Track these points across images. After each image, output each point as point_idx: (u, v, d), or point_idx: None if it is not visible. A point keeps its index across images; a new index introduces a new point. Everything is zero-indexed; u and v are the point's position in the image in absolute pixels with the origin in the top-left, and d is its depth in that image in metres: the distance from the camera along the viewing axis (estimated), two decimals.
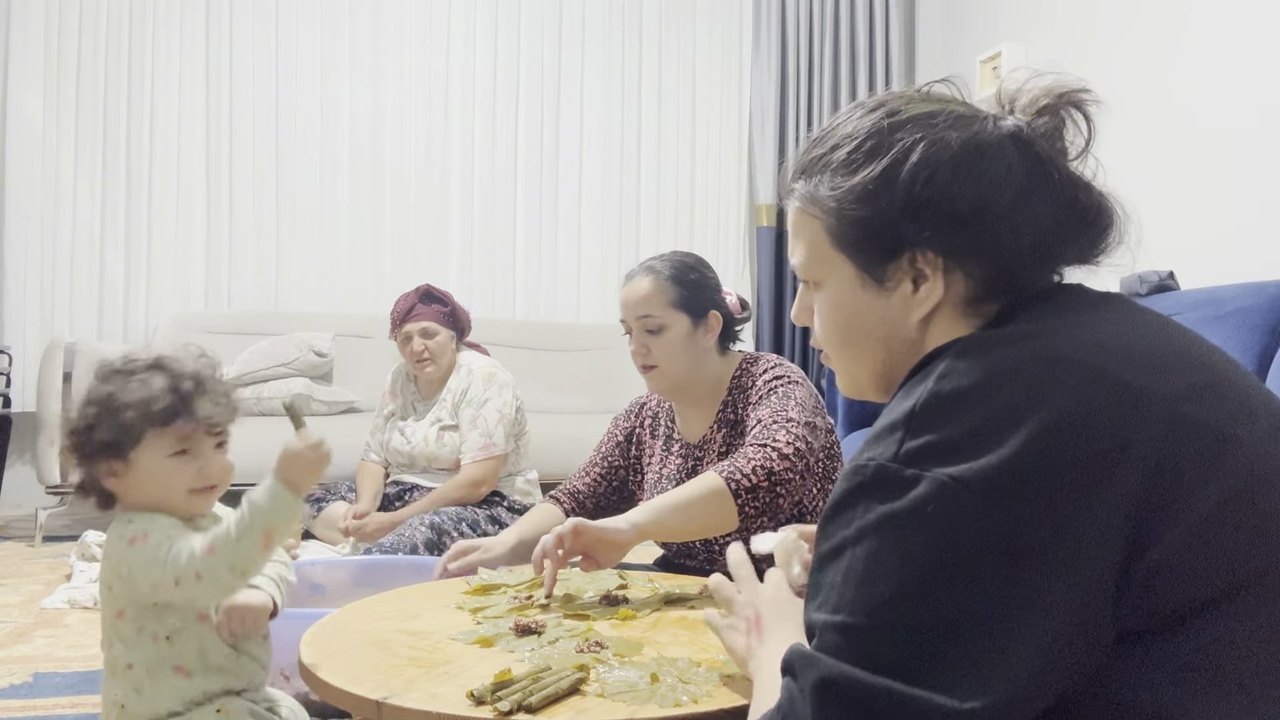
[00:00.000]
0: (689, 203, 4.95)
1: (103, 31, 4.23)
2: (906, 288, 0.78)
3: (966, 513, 0.61)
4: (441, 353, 2.86)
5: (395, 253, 4.57)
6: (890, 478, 0.65)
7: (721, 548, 1.69)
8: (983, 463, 0.62)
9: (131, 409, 1.13)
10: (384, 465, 3.00)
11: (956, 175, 0.75)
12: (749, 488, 1.48)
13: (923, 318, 0.79)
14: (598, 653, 1.11)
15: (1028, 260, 0.76)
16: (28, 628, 2.26)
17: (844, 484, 0.68)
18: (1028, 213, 0.75)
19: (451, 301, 2.93)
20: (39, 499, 3.66)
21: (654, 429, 1.87)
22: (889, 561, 0.63)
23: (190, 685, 1.16)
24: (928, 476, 0.63)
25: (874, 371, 0.84)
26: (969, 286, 0.77)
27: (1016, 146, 0.76)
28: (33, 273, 4.13)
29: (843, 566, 0.65)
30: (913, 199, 0.75)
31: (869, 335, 0.82)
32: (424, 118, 4.62)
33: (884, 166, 0.76)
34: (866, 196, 0.77)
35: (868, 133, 0.79)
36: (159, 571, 1.10)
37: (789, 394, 1.62)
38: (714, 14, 4.97)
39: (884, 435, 0.67)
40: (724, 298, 1.78)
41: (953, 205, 0.74)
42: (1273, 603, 0.62)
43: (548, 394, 4.24)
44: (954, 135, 0.76)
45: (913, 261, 0.77)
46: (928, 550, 0.62)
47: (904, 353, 0.80)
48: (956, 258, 0.76)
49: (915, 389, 0.68)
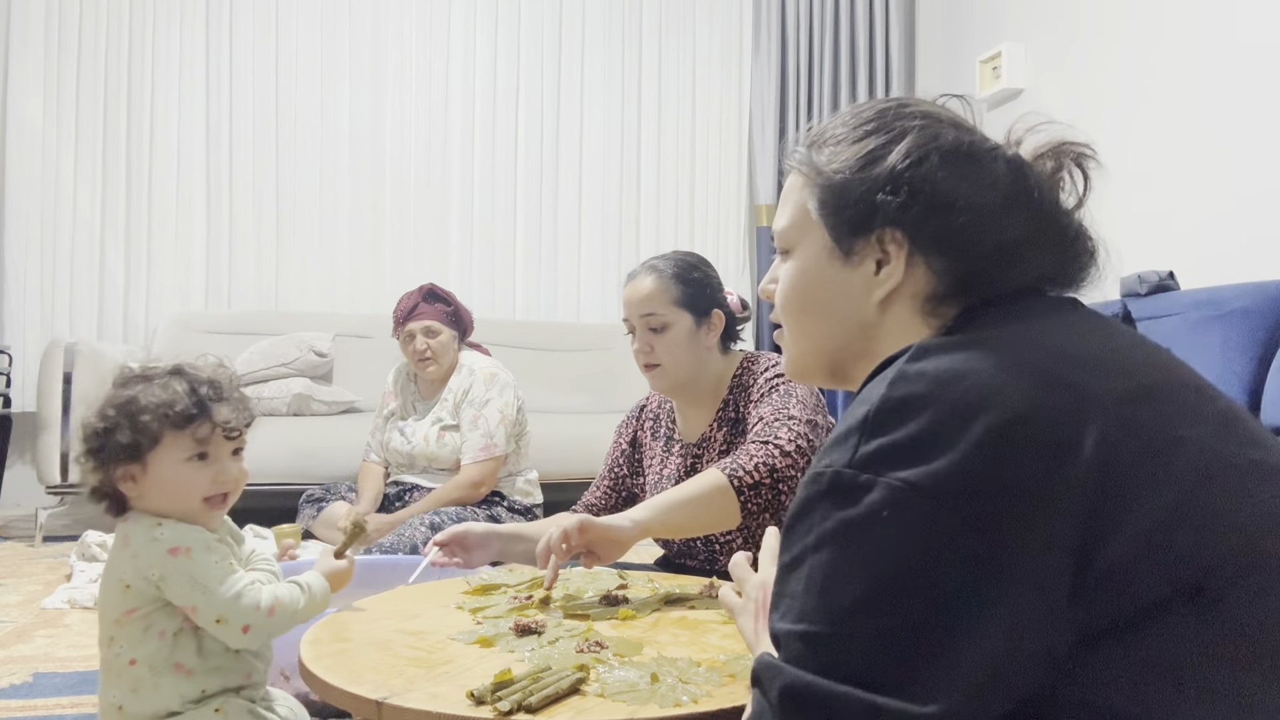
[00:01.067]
0: (689, 203, 4.95)
1: (103, 31, 4.23)
2: (869, 267, 0.80)
3: (919, 517, 0.61)
4: (444, 352, 2.87)
5: (395, 253, 4.57)
6: (846, 483, 0.65)
7: (722, 546, 1.70)
8: (934, 466, 0.62)
9: (150, 411, 1.16)
10: (384, 465, 3.00)
11: (943, 165, 0.77)
12: (751, 485, 1.48)
13: (880, 301, 0.80)
14: (598, 653, 1.11)
15: (992, 265, 0.77)
16: (28, 628, 2.26)
17: (803, 491, 0.68)
18: (1002, 221, 0.76)
19: (455, 301, 2.93)
20: (39, 499, 3.66)
21: (654, 430, 1.87)
22: (847, 569, 0.63)
23: (190, 684, 1.17)
24: (881, 481, 0.63)
25: (822, 347, 0.86)
26: (930, 282, 0.78)
27: (1008, 164, 0.79)
28: (33, 273, 4.13)
29: (803, 575, 0.66)
30: (895, 174, 0.78)
31: (826, 308, 0.84)
32: (424, 118, 4.62)
33: (879, 142, 0.80)
34: (855, 165, 0.80)
35: (876, 114, 0.82)
36: (202, 598, 1.14)
37: (790, 392, 1.63)
38: (714, 14, 4.97)
39: (841, 441, 0.67)
40: (726, 297, 1.79)
41: (932, 190, 0.77)
42: (1231, 600, 0.62)
43: (548, 394, 4.25)
44: (952, 133, 0.79)
45: (880, 240, 0.79)
46: (883, 556, 0.62)
47: (855, 334, 0.83)
48: (922, 245, 0.78)
49: (871, 393, 0.68)
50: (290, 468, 3.42)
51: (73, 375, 3.23)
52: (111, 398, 1.18)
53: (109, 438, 1.16)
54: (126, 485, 1.17)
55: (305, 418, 3.79)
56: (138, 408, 1.16)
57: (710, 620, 1.28)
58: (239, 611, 1.15)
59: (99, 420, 1.17)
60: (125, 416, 1.16)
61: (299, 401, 3.82)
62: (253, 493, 2.84)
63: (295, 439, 3.50)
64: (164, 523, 1.17)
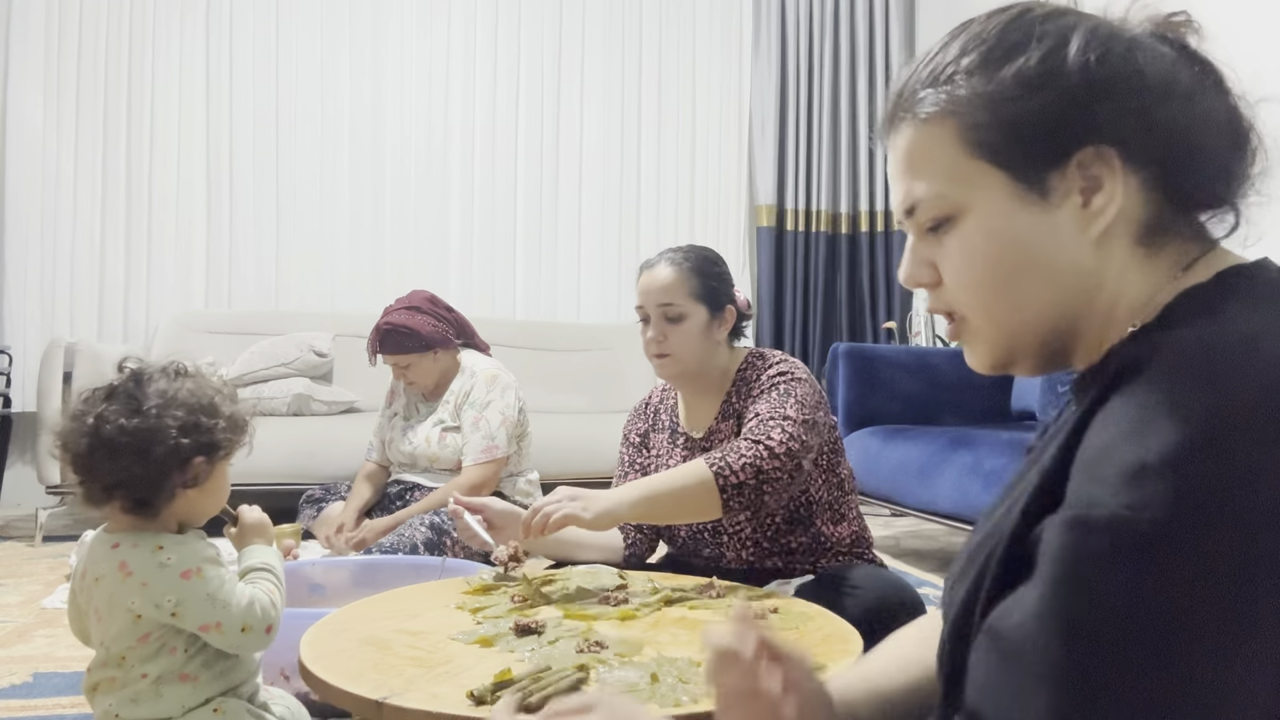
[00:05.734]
0: (689, 203, 4.95)
1: (103, 31, 4.23)
2: (1075, 200, 0.64)
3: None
4: (423, 374, 2.86)
5: (395, 253, 4.57)
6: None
7: (730, 539, 1.69)
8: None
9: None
10: (384, 465, 3.00)
11: (1132, 52, 0.63)
12: (736, 484, 1.49)
13: (1097, 239, 0.64)
14: (598, 653, 1.11)
15: (1198, 171, 0.64)
16: (28, 628, 2.26)
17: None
18: (1203, 109, 0.63)
19: (416, 323, 2.80)
20: (39, 499, 3.66)
21: (656, 423, 1.88)
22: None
23: (194, 692, 1.17)
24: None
25: (1041, 318, 0.67)
26: (1147, 206, 0.64)
27: (1167, 44, 0.65)
28: (33, 273, 4.13)
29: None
30: (1089, 78, 0.63)
31: (1033, 266, 0.66)
32: (424, 118, 4.62)
33: (1044, 51, 0.64)
34: (1029, 84, 0.64)
35: (1005, 27, 0.67)
36: (224, 614, 1.14)
37: (790, 391, 1.63)
38: (714, 14, 4.97)
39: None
40: (735, 295, 1.81)
41: (1140, 81, 0.62)
42: None
43: (548, 394, 4.24)
44: (1111, 25, 0.66)
45: (1082, 166, 0.64)
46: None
47: (1077, 293, 0.66)
48: (1137, 156, 0.63)
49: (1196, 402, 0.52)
50: (290, 468, 3.42)
51: (73, 375, 3.23)
52: (217, 396, 1.20)
53: (210, 435, 1.17)
54: (188, 483, 1.17)
55: (305, 418, 3.79)
56: (235, 414, 1.21)
57: (710, 620, 1.28)
58: (259, 616, 1.16)
59: (203, 413, 1.17)
60: (225, 416, 1.20)
61: (299, 401, 3.82)
62: (253, 493, 2.85)
63: (295, 439, 3.50)
64: (164, 544, 1.15)
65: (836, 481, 1.71)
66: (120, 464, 1.13)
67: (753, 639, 0.66)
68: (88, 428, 1.13)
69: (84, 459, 1.14)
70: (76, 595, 1.21)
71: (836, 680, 0.81)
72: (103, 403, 1.15)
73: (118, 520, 1.18)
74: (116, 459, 1.13)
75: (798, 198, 4.93)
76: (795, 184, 4.93)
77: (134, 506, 1.16)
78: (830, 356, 3.55)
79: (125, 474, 1.13)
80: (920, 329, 4.42)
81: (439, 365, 2.88)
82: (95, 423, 1.13)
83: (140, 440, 1.13)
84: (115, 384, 1.17)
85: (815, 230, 4.96)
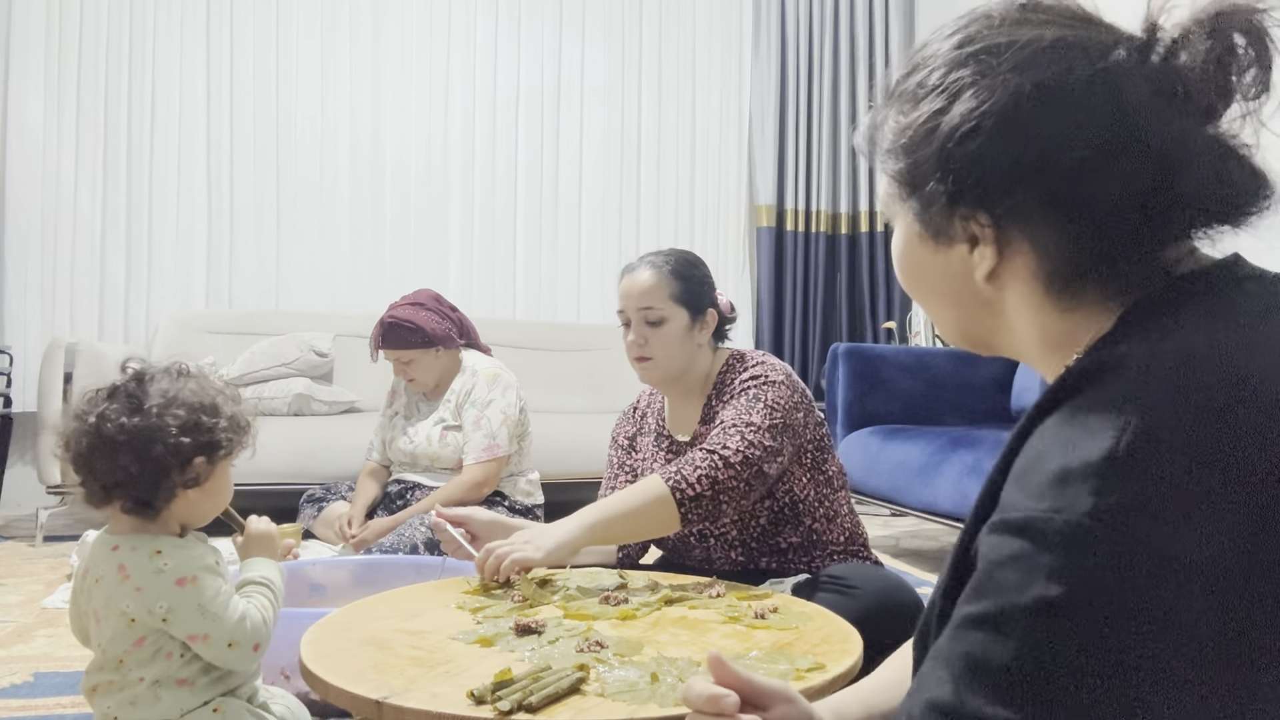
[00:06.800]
0: (689, 203, 4.95)
1: (103, 31, 4.23)
2: (963, 247, 0.66)
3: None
4: (424, 371, 2.86)
5: (396, 253, 4.57)
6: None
7: (717, 541, 1.70)
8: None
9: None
10: (385, 464, 3.01)
11: (1002, 129, 0.61)
12: (692, 497, 1.50)
13: (988, 278, 0.66)
14: (598, 653, 1.11)
15: (1122, 231, 0.60)
16: (28, 627, 2.26)
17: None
18: (1113, 170, 0.59)
19: (421, 319, 2.81)
20: (39, 499, 3.66)
21: (643, 426, 1.89)
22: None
23: (192, 696, 1.17)
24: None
25: (955, 329, 0.73)
26: (1040, 260, 0.63)
27: (1108, 88, 0.60)
28: (33, 273, 4.13)
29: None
30: (944, 155, 0.63)
31: (933, 290, 0.71)
32: (424, 118, 4.62)
33: (933, 110, 0.64)
34: (910, 142, 0.66)
35: (941, 61, 0.66)
36: (214, 626, 1.14)
37: (760, 395, 1.62)
38: (714, 14, 4.98)
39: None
40: (718, 298, 1.80)
41: (994, 165, 0.61)
42: None
43: (548, 394, 4.25)
44: (1016, 79, 0.61)
45: (964, 220, 0.65)
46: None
47: (978, 310, 0.69)
48: (1006, 225, 0.63)
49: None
50: (290, 468, 3.42)
51: (73, 375, 3.23)
52: (219, 397, 1.20)
53: (211, 434, 1.17)
54: (189, 484, 1.17)
55: (305, 418, 3.79)
56: (236, 415, 1.20)
57: (710, 620, 1.29)
58: (248, 633, 1.15)
59: (204, 412, 1.17)
60: (227, 416, 1.19)
61: (299, 401, 3.82)
62: (253, 493, 2.85)
63: (295, 439, 3.51)
64: (163, 549, 1.15)
65: (824, 479, 1.71)
66: (119, 463, 1.12)
67: (731, 685, 0.66)
68: (89, 426, 1.13)
69: (84, 458, 1.14)
70: (77, 596, 1.21)
71: (832, 702, 0.82)
72: (105, 402, 1.15)
73: (119, 521, 1.18)
74: (116, 458, 1.13)
75: (797, 198, 4.93)
76: (795, 184, 4.93)
77: (134, 507, 1.16)
78: (830, 356, 3.56)
79: (124, 473, 1.13)
80: (920, 329, 4.42)
81: (441, 363, 2.88)
82: (96, 421, 1.13)
83: (140, 439, 1.13)
84: (118, 383, 1.17)
85: (815, 230, 4.96)
